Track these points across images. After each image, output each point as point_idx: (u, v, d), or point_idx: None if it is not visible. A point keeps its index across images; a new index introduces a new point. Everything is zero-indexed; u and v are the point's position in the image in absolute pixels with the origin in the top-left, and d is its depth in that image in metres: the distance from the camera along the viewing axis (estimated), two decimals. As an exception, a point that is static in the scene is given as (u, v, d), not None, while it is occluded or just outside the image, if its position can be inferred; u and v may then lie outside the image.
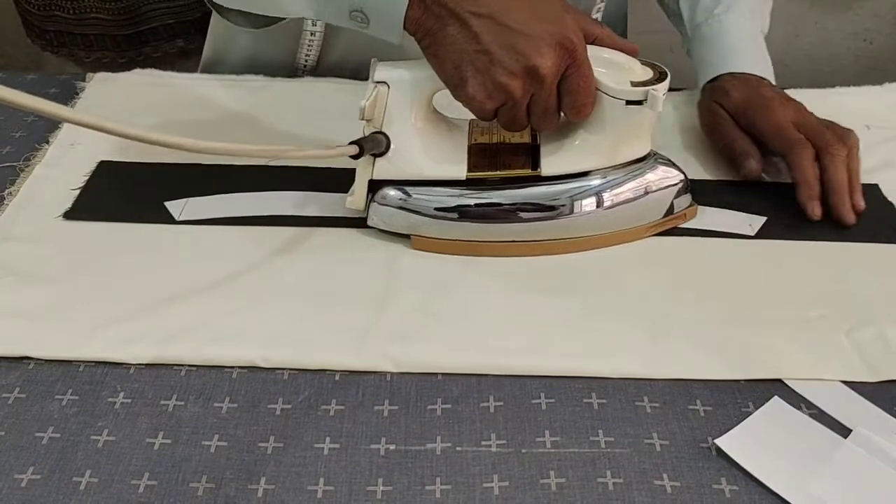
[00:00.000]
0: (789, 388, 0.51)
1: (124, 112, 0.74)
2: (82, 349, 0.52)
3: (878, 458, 0.47)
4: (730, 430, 0.48)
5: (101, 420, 0.49)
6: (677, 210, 0.62)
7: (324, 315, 0.55)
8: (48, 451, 0.47)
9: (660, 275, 0.59)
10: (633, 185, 0.59)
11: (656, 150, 0.61)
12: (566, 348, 0.53)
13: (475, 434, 0.48)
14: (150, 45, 1.05)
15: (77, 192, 0.65)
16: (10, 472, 0.46)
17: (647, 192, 0.60)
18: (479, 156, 0.60)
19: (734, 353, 0.53)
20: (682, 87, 0.78)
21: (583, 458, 0.47)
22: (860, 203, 0.63)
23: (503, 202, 0.59)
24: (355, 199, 0.60)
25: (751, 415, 0.49)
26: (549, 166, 0.59)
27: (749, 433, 0.48)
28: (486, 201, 0.59)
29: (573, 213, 0.59)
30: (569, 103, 0.55)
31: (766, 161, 0.67)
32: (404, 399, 0.50)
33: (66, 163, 0.68)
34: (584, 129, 0.58)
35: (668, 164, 0.61)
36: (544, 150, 0.59)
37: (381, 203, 0.60)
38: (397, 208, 0.59)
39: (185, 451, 0.47)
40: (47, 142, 0.71)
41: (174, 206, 0.63)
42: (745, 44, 0.73)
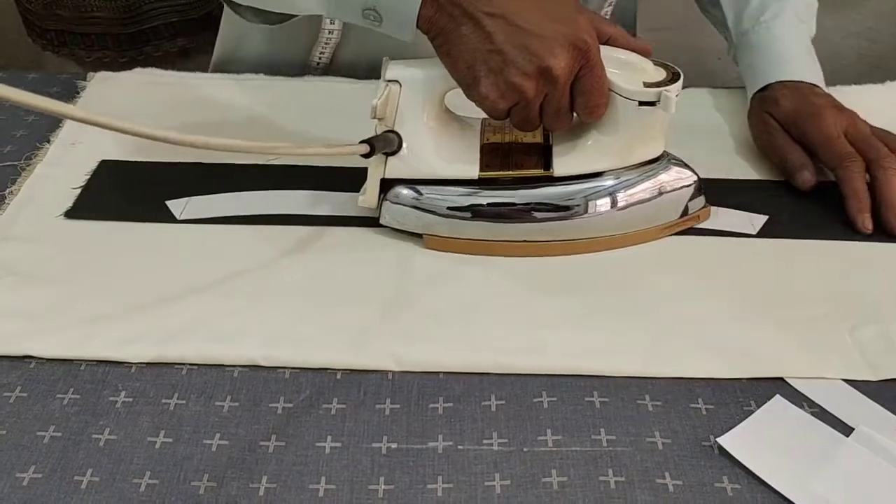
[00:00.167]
0: (791, 386, 0.51)
1: (126, 111, 0.74)
2: (83, 348, 0.52)
3: (880, 456, 0.47)
4: (732, 428, 0.48)
5: (102, 419, 0.49)
6: (692, 211, 0.61)
7: (326, 314, 0.55)
8: (49, 449, 0.47)
9: (661, 274, 0.59)
10: (647, 185, 0.59)
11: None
12: (567, 347, 0.53)
13: (477, 433, 0.48)
14: (152, 44, 1.05)
15: (78, 191, 0.65)
16: (12, 470, 0.46)
17: (661, 193, 0.59)
18: (492, 155, 0.60)
19: (736, 352, 0.53)
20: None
21: (584, 457, 0.47)
22: None
23: (515, 202, 0.59)
24: (367, 198, 0.60)
25: (753, 413, 0.49)
26: (561, 166, 0.58)
27: (751, 432, 0.48)
28: (498, 201, 0.59)
29: (586, 214, 0.58)
30: (582, 104, 0.55)
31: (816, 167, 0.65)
32: (406, 397, 0.50)
33: (67, 162, 0.68)
34: (596, 130, 0.58)
35: (681, 165, 0.61)
36: (556, 151, 0.59)
37: (393, 202, 0.60)
38: (410, 207, 0.59)
39: (187, 450, 0.47)
40: (48, 141, 0.71)
41: (175, 206, 0.63)
42: (793, 50, 0.72)
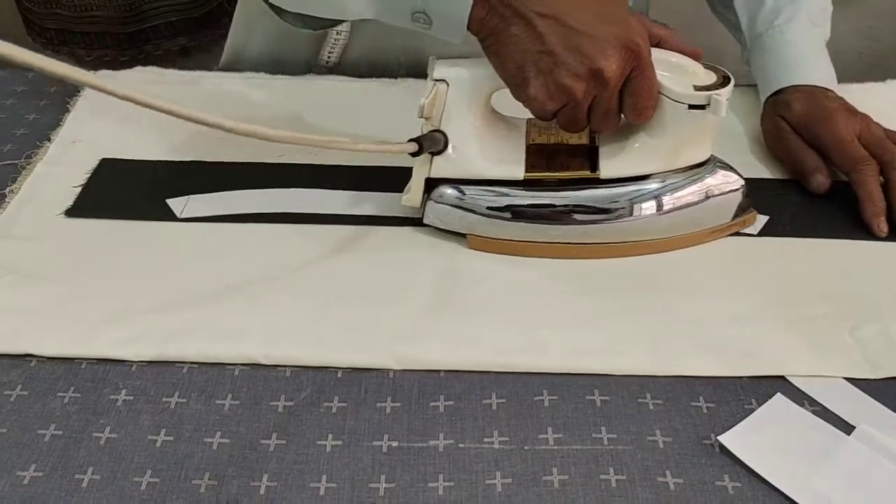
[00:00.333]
0: (792, 384, 0.51)
1: (127, 110, 0.73)
2: (84, 347, 0.52)
3: (881, 454, 0.47)
4: (733, 426, 0.48)
5: (103, 417, 0.49)
6: (738, 215, 0.61)
7: (327, 312, 0.55)
8: (50, 448, 0.47)
9: (662, 272, 0.59)
10: (693, 189, 0.58)
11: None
12: (568, 346, 0.53)
13: (478, 431, 0.48)
14: (152, 42, 1.05)
15: (79, 189, 0.65)
16: (13, 469, 0.46)
17: (708, 197, 0.59)
18: (537, 156, 0.59)
19: (737, 350, 0.53)
20: None
21: (585, 455, 0.47)
22: None
23: (561, 204, 0.58)
24: (411, 197, 0.60)
25: (754, 412, 0.49)
26: (608, 169, 0.58)
27: (752, 430, 0.48)
28: (543, 202, 0.58)
29: (631, 217, 0.58)
30: (630, 105, 0.54)
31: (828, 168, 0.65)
32: (407, 396, 0.50)
33: (68, 160, 0.68)
34: (644, 132, 0.57)
35: (727, 169, 0.60)
36: (603, 152, 0.58)
37: (437, 201, 0.59)
38: (453, 207, 0.59)
39: (188, 449, 0.47)
40: (49, 139, 0.71)
41: (176, 204, 0.63)
42: (807, 54, 0.71)
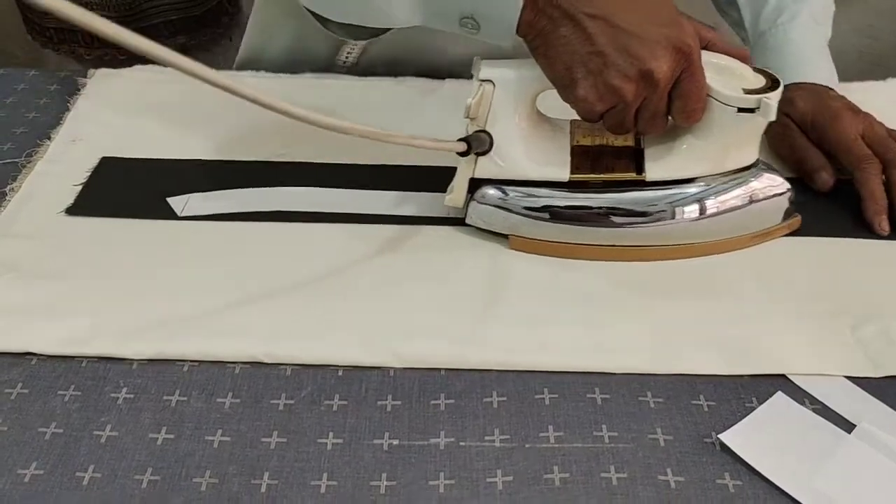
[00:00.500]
0: (793, 383, 0.51)
1: (127, 108, 0.74)
2: (84, 345, 0.52)
3: (882, 452, 0.47)
4: (733, 425, 0.48)
5: (103, 415, 0.49)
6: (782, 220, 0.61)
7: (327, 310, 0.55)
8: (51, 446, 0.47)
9: (662, 271, 0.59)
10: (738, 192, 0.58)
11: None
12: (569, 344, 0.53)
13: (478, 429, 0.48)
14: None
15: (79, 188, 0.65)
16: (14, 467, 0.46)
17: (752, 201, 0.58)
18: (582, 158, 0.59)
19: (737, 349, 0.53)
20: None
21: (586, 453, 0.47)
22: None
23: (605, 206, 0.58)
24: (454, 197, 0.60)
25: (755, 410, 0.49)
26: (654, 171, 0.58)
27: (753, 428, 0.48)
28: (588, 204, 0.58)
29: (675, 220, 0.58)
30: (679, 108, 0.54)
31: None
32: (407, 394, 0.50)
33: (68, 159, 0.68)
34: (691, 135, 0.57)
35: (773, 172, 0.59)
36: (649, 154, 0.58)
37: (480, 202, 0.59)
38: (497, 207, 0.59)
39: (189, 447, 0.47)
40: (49, 138, 0.70)
41: (176, 203, 0.63)
42: (810, 53, 0.72)
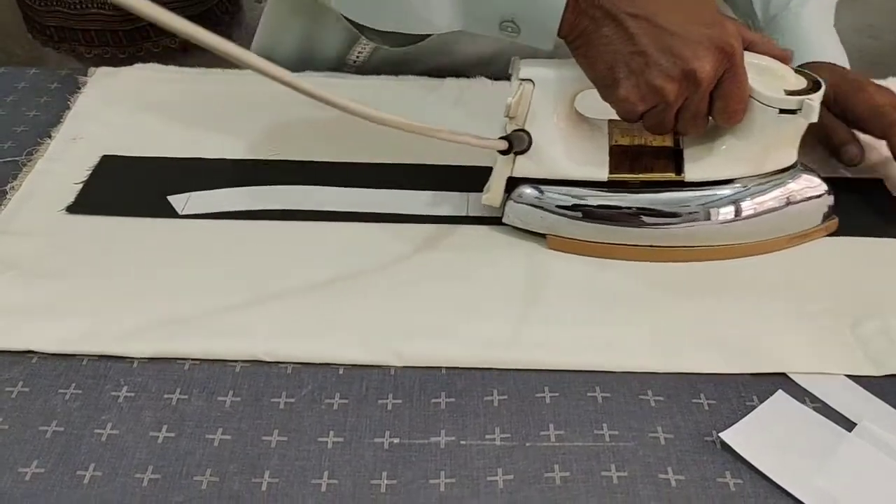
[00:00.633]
0: (794, 381, 0.51)
1: (127, 107, 0.74)
2: (85, 343, 0.52)
3: (882, 451, 0.47)
4: (734, 423, 0.48)
5: (104, 414, 0.49)
6: (819, 222, 0.60)
7: (328, 309, 0.55)
8: (52, 444, 0.47)
9: (663, 270, 0.59)
10: (776, 194, 0.58)
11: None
12: (569, 343, 0.53)
13: (479, 428, 0.48)
14: (151, 40, 1.05)
15: (80, 186, 0.65)
16: (14, 465, 0.46)
17: (790, 203, 0.58)
18: (620, 157, 0.59)
19: (738, 347, 0.53)
20: None
21: (587, 452, 0.47)
22: None
23: (643, 206, 0.58)
24: (492, 196, 0.60)
25: (755, 408, 0.49)
26: (693, 171, 0.58)
27: (753, 427, 0.48)
28: (627, 204, 0.58)
29: (714, 221, 0.58)
30: (720, 108, 0.54)
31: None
32: (408, 393, 0.50)
33: (69, 157, 0.68)
34: (731, 135, 0.57)
35: (811, 174, 0.59)
36: (688, 155, 0.58)
37: (517, 201, 0.59)
38: (534, 206, 0.59)
39: (189, 445, 0.47)
40: (49, 136, 0.70)
41: (177, 201, 0.63)
42: (821, 36, 0.72)
